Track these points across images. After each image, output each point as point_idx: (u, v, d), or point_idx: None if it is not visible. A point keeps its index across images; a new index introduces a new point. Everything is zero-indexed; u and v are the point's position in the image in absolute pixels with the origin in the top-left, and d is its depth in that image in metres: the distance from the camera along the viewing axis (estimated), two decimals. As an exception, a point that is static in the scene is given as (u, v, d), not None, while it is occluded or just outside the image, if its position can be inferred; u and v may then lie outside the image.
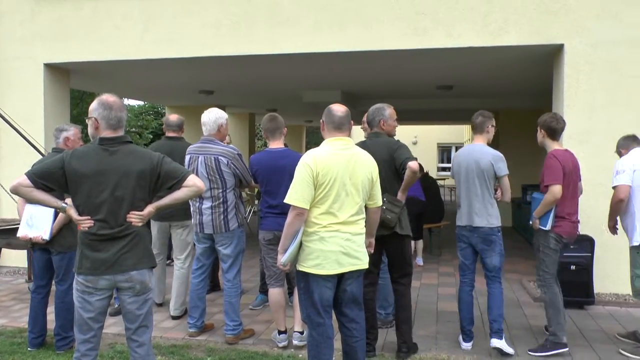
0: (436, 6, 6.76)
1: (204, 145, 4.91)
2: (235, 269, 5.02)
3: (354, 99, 11.44)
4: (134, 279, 3.22)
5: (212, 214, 4.87)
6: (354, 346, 3.75)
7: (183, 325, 5.39)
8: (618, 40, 6.44)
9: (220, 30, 7.24)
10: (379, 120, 4.71)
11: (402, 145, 4.57)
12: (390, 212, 4.41)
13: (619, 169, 4.68)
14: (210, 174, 4.83)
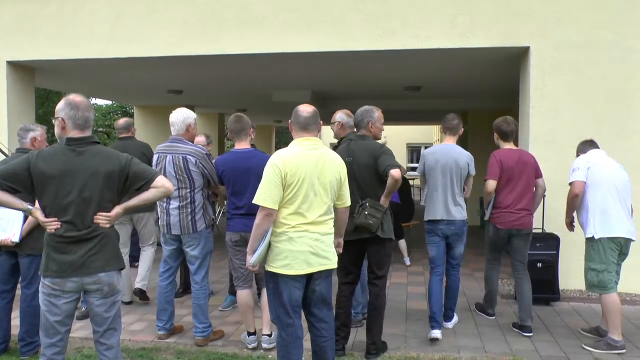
0: (404, 8, 6.81)
1: (172, 144, 4.85)
2: (203, 270, 4.97)
3: (323, 99, 11.47)
4: (102, 281, 3.18)
5: (180, 215, 4.81)
6: (323, 346, 3.76)
7: (152, 328, 5.33)
8: (580, 43, 6.59)
9: (188, 30, 7.18)
10: (368, 122, 4.72)
11: (386, 151, 4.53)
12: (373, 217, 4.41)
13: (574, 166, 4.96)
14: (178, 174, 4.78)
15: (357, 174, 4.51)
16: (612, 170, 4.88)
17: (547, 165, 6.58)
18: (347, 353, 4.71)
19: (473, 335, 5.25)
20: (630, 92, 6.53)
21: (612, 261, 4.78)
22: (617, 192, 4.81)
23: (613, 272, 4.78)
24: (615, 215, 4.77)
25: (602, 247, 4.77)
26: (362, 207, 4.43)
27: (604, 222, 4.77)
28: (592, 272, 4.81)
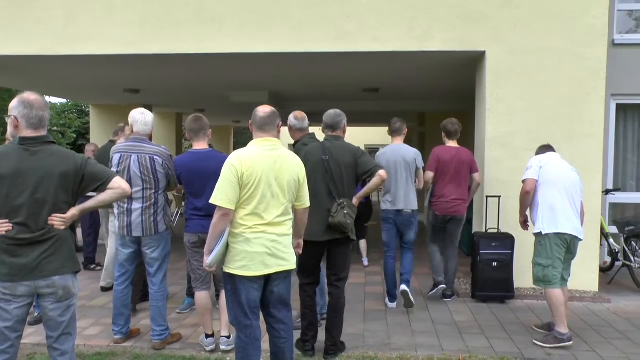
0: (362, 10, 6.86)
1: (137, 144, 4.76)
2: (162, 272, 4.91)
3: (281, 100, 11.45)
4: (56, 284, 3.10)
5: (143, 216, 4.73)
6: (281, 347, 3.77)
7: (108, 332, 5.23)
8: (533, 48, 6.77)
9: (145, 28, 7.06)
10: (344, 125, 4.82)
11: (366, 153, 4.70)
12: (350, 217, 4.47)
13: (528, 165, 5.17)
14: (144, 174, 4.71)
15: (334, 173, 4.53)
16: (563, 171, 5.05)
17: (503, 167, 6.77)
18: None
19: (430, 334, 5.33)
20: (581, 97, 6.74)
21: (558, 257, 4.93)
22: (566, 191, 4.97)
23: (559, 268, 4.93)
24: (563, 212, 4.93)
25: (549, 243, 4.93)
26: (341, 206, 4.46)
27: (552, 218, 4.94)
28: (538, 266, 4.98)
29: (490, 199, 6.74)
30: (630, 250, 7.18)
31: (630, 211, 8.45)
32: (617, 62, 7.79)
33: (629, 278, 7.23)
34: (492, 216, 6.75)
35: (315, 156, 4.52)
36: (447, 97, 11.33)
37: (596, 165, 6.75)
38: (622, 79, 8.03)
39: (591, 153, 6.74)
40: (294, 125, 5.13)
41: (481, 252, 6.40)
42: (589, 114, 6.74)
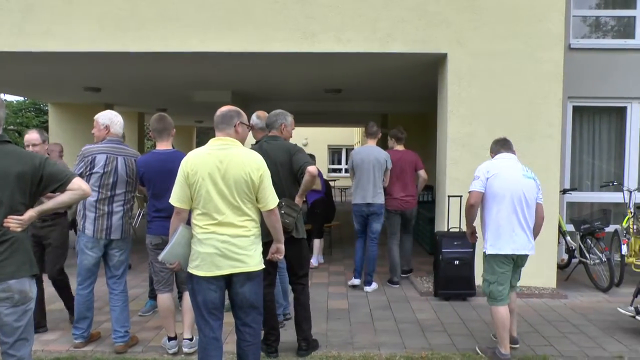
0: (325, 11, 6.88)
1: (119, 146, 4.73)
2: (126, 274, 4.90)
3: (244, 100, 11.39)
4: (12, 288, 3.01)
5: (122, 219, 4.71)
6: (245, 350, 3.72)
7: (67, 337, 5.11)
8: (494, 52, 6.90)
9: (106, 25, 6.92)
10: (281, 124, 4.78)
11: (300, 150, 4.66)
12: (289, 216, 4.45)
13: (475, 174, 4.78)
14: (130, 177, 4.71)
15: (272, 173, 4.50)
16: (513, 181, 4.64)
17: (464, 167, 6.87)
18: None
19: (393, 332, 5.39)
20: (539, 100, 6.89)
21: (503, 273, 4.66)
22: (513, 206, 4.60)
23: (505, 284, 4.66)
24: (509, 231, 4.60)
25: (493, 261, 4.68)
26: (278, 206, 4.43)
27: (496, 239, 4.63)
28: (485, 282, 4.76)
29: (452, 198, 6.84)
30: (586, 248, 7.38)
31: (586, 210, 8.70)
32: (574, 66, 8.00)
33: (585, 274, 7.44)
34: (454, 215, 6.85)
35: None
36: (410, 98, 11.45)
37: (554, 166, 6.92)
38: (578, 82, 8.26)
39: (549, 154, 6.90)
40: (256, 124, 5.11)
41: (443, 250, 6.50)
42: (548, 116, 6.91)
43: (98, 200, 4.62)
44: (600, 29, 8.95)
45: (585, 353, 4.89)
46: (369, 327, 5.54)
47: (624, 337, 5.27)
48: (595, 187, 8.81)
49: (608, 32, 8.93)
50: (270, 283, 4.73)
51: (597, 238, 7.11)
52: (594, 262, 7.26)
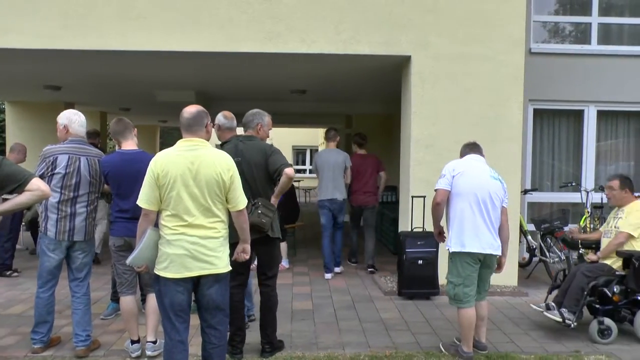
0: (290, 12, 6.88)
1: (83, 146, 4.64)
2: (89, 276, 4.80)
3: (208, 100, 11.30)
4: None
5: (86, 220, 4.63)
6: (210, 352, 3.70)
7: (25, 341, 4.98)
8: (457, 54, 7.01)
9: (67, 22, 6.77)
10: (257, 124, 4.77)
11: (277, 151, 4.64)
12: (265, 216, 4.45)
13: (442, 172, 4.77)
14: (94, 177, 4.62)
15: (247, 174, 4.52)
16: (479, 180, 4.64)
17: (427, 168, 6.97)
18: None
19: (357, 332, 5.42)
20: (501, 102, 7.03)
21: (469, 275, 4.62)
22: (478, 205, 4.58)
23: (471, 286, 4.62)
24: (473, 229, 4.57)
25: (459, 261, 4.63)
26: (255, 206, 4.45)
27: (460, 236, 4.60)
28: (450, 284, 4.70)
29: (415, 199, 6.92)
30: (546, 247, 7.57)
31: (546, 210, 8.91)
32: (534, 70, 8.20)
33: (545, 273, 7.62)
34: (418, 216, 6.93)
35: None
36: (374, 99, 11.54)
37: (515, 167, 7.06)
38: (539, 86, 8.46)
39: (511, 155, 7.05)
40: (224, 124, 5.04)
41: (407, 250, 6.57)
42: (509, 118, 7.05)
43: (60, 201, 4.52)
44: (559, 34, 9.19)
45: (545, 349, 5.01)
46: (334, 327, 5.57)
47: (581, 333, 5.39)
48: (555, 188, 9.04)
49: (566, 38, 9.17)
50: (241, 284, 4.71)
51: (556, 237, 7.29)
52: (553, 260, 7.46)
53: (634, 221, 5.34)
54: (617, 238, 5.35)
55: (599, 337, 5.17)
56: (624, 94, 8.79)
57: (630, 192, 5.54)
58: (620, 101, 8.85)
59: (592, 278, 5.25)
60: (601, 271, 5.32)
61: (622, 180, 5.54)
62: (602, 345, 5.11)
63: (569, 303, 5.26)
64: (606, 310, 5.24)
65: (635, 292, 5.20)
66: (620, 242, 5.32)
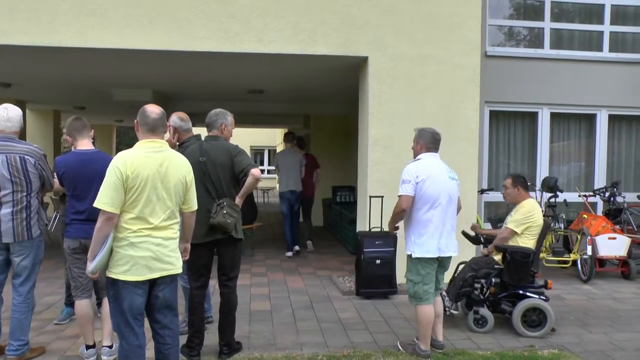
0: (247, 12, 6.84)
1: (4, 143, 4.39)
2: (31, 282, 4.56)
3: (165, 99, 11.14)
4: None
5: (14, 221, 4.38)
6: (166, 353, 3.67)
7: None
8: (414, 56, 7.10)
9: (15, 16, 6.54)
10: (221, 124, 4.72)
11: (242, 151, 4.62)
12: (230, 216, 4.42)
13: (404, 177, 4.70)
14: (15, 175, 4.36)
15: (212, 174, 4.49)
16: (444, 185, 4.69)
17: (385, 168, 7.03)
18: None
19: (315, 332, 5.43)
20: (458, 104, 7.15)
21: (428, 273, 4.69)
22: (442, 209, 4.65)
23: (430, 284, 4.70)
24: (437, 234, 4.63)
25: (419, 262, 4.68)
26: (220, 206, 4.42)
27: (422, 242, 4.64)
28: (410, 282, 4.75)
29: (373, 199, 6.96)
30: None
31: (502, 209, 9.08)
32: (490, 72, 8.35)
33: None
34: (375, 216, 6.98)
35: (192, 158, 4.35)
36: (332, 100, 11.58)
37: (472, 167, 7.19)
38: (494, 88, 8.63)
39: (468, 155, 7.17)
40: (180, 126, 4.97)
41: (365, 250, 6.60)
42: (466, 119, 7.17)
43: None
44: (514, 38, 9.39)
45: (500, 344, 5.11)
46: (292, 328, 5.56)
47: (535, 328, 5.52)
48: (510, 188, 9.21)
49: (521, 41, 9.38)
50: (203, 285, 4.68)
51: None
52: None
53: (518, 217, 5.57)
54: (502, 233, 5.63)
55: (475, 326, 5.45)
56: (575, 97, 9.04)
57: (523, 190, 5.77)
58: (572, 104, 9.10)
59: (475, 270, 5.54)
60: (486, 264, 5.60)
61: (514, 179, 5.77)
62: (528, 336, 5.29)
63: (451, 292, 5.58)
64: (482, 301, 5.49)
65: (513, 285, 5.44)
66: (504, 237, 5.56)
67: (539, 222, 5.56)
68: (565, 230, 8.34)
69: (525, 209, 5.59)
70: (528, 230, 5.53)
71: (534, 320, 5.36)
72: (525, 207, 5.60)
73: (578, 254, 7.79)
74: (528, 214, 5.54)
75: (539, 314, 5.36)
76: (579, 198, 8.76)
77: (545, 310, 5.32)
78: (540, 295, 5.42)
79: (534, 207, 5.60)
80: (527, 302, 5.35)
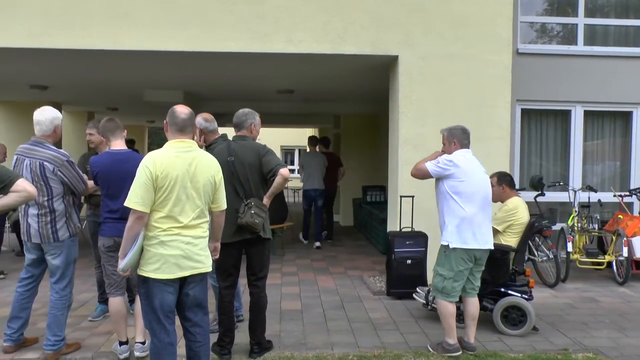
0: (277, 12, 6.87)
1: (32, 147, 4.52)
2: (66, 280, 4.67)
3: (196, 100, 11.25)
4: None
5: (39, 223, 4.50)
6: (197, 351, 3.72)
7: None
8: (444, 54, 7.03)
9: (52, 21, 6.68)
10: (251, 124, 4.75)
11: (270, 151, 4.64)
12: (258, 216, 4.45)
13: (447, 161, 4.73)
14: (35, 180, 4.45)
15: (240, 174, 4.52)
16: (484, 182, 4.78)
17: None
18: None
19: (346, 332, 5.42)
20: (489, 102, 7.06)
21: (462, 271, 4.68)
22: (482, 204, 4.70)
23: (460, 281, 4.69)
24: (478, 227, 4.65)
25: (454, 256, 4.66)
26: (248, 206, 4.45)
27: (463, 233, 4.63)
28: (439, 276, 4.74)
29: (404, 198, 6.92)
30: (534, 246, 7.60)
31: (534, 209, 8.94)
32: (521, 70, 8.24)
33: (533, 271, 7.64)
34: (406, 215, 6.94)
35: (220, 158, 4.39)
36: (362, 99, 11.54)
37: (504, 167, 7.07)
38: (526, 86, 8.51)
39: (499, 155, 7.07)
40: (205, 127, 5.00)
41: (395, 250, 6.57)
42: (497, 118, 7.08)
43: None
44: (547, 34, 9.24)
45: (533, 347, 5.03)
46: (322, 327, 5.56)
47: (569, 331, 5.44)
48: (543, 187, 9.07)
49: (553, 38, 9.23)
50: (232, 284, 4.71)
51: (544, 236, 7.32)
52: (541, 259, 7.49)
53: (500, 216, 5.55)
54: None
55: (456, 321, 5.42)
56: (609, 95, 8.86)
57: (508, 188, 5.75)
58: (606, 101, 8.92)
59: None
60: None
61: (499, 177, 5.72)
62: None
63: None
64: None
65: (493, 283, 5.41)
66: None
67: (522, 221, 5.59)
68: (599, 231, 8.17)
69: (507, 207, 5.63)
70: (510, 229, 5.58)
71: (514, 318, 5.36)
72: (508, 205, 5.65)
73: (613, 256, 7.63)
74: (510, 212, 5.59)
75: (519, 312, 5.35)
76: (614, 198, 8.57)
77: (526, 308, 5.31)
78: (523, 294, 5.41)
79: (518, 206, 5.63)
80: (507, 300, 5.36)
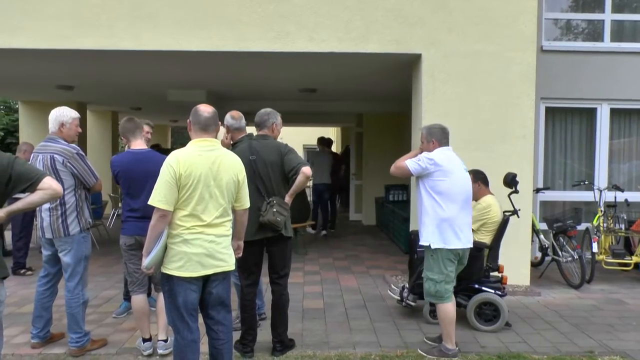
0: (299, 11, 6.87)
1: (45, 143, 4.65)
2: (77, 277, 4.68)
3: (219, 99, 11.32)
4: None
5: (50, 217, 4.57)
6: (220, 349, 3.74)
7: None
8: (467, 52, 6.96)
9: (78, 22, 6.79)
10: (273, 123, 4.77)
11: (292, 150, 4.67)
12: (280, 214, 4.47)
13: (428, 159, 4.66)
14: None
15: (262, 172, 4.54)
16: (464, 180, 4.74)
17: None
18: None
19: (368, 331, 5.41)
20: (511, 100, 6.98)
21: (451, 272, 4.70)
22: (464, 203, 4.69)
23: (451, 283, 4.71)
24: (458, 226, 4.63)
25: (441, 258, 4.65)
26: (270, 204, 4.47)
27: (444, 233, 4.62)
28: (430, 281, 4.71)
29: (426, 198, 6.87)
30: (559, 246, 7.51)
31: (558, 208, 8.84)
32: (546, 68, 8.13)
33: (558, 272, 7.56)
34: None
35: (242, 156, 4.41)
36: (385, 98, 11.51)
37: (528, 165, 7.00)
38: (551, 84, 8.40)
39: (523, 153, 6.99)
40: (232, 125, 5.02)
41: (418, 250, 6.50)
42: (521, 116, 6.99)
43: None
44: (572, 31, 9.10)
45: (557, 349, 4.97)
46: (345, 327, 5.56)
47: (594, 333, 5.36)
48: (567, 187, 8.96)
49: (579, 35, 9.09)
50: (254, 282, 4.73)
51: (569, 236, 7.24)
52: (566, 259, 7.39)
53: (474, 214, 5.43)
54: None
55: (430, 317, 5.61)
56: (637, 92, 8.70)
57: (484, 185, 5.73)
58: (634, 99, 8.76)
59: None
60: None
61: (474, 175, 5.64)
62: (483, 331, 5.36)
63: (410, 285, 5.80)
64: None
65: (467, 279, 5.41)
66: None
67: (496, 219, 5.60)
68: (626, 231, 8.03)
69: (481, 206, 5.63)
70: (484, 227, 5.61)
71: (487, 314, 5.41)
72: (482, 203, 5.65)
73: (640, 257, 7.50)
74: (483, 210, 5.60)
75: (492, 308, 5.38)
76: (642, 197, 8.43)
77: (499, 304, 5.35)
78: (496, 290, 5.44)
79: (491, 204, 5.63)
80: (481, 296, 5.42)
